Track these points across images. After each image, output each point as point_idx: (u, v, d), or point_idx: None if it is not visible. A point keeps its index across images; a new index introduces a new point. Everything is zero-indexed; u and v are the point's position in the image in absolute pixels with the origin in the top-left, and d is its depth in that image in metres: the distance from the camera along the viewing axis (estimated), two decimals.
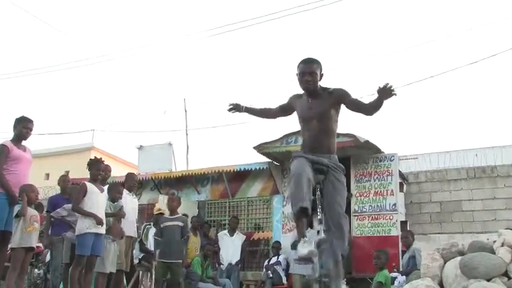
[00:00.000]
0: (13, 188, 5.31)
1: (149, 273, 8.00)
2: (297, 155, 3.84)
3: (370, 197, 9.14)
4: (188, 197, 10.88)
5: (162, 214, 8.61)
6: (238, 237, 9.54)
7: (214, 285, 8.37)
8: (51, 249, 7.06)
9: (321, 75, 3.93)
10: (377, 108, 3.67)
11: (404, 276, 6.80)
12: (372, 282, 7.14)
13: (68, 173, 11.28)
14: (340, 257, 3.66)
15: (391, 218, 8.90)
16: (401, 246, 8.31)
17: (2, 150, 5.38)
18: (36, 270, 8.85)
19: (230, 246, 9.38)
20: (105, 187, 6.13)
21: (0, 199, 5.26)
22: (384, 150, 9.31)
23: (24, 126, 5.60)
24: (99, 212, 5.64)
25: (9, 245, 5.32)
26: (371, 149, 9.16)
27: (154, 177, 11.21)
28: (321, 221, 3.63)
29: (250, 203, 10.52)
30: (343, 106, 3.91)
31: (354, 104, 3.84)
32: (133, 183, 7.35)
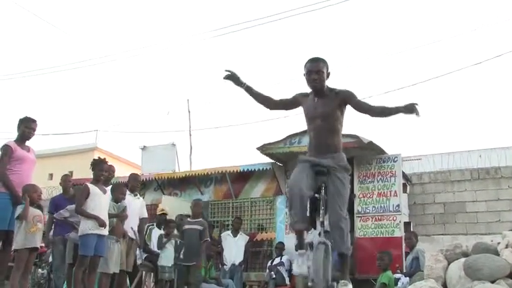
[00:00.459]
0: (16, 188, 5.32)
1: (152, 274, 8.00)
2: (301, 160, 3.93)
3: (373, 198, 9.11)
4: (192, 197, 10.85)
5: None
6: (242, 237, 9.52)
7: (217, 286, 8.36)
8: (52, 249, 7.08)
9: (328, 74, 3.96)
10: (387, 115, 3.76)
11: (407, 277, 6.79)
12: (375, 284, 7.12)
13: (71, 173, 11.32)
14: (346, 251, 3.77)
15: (394, 219, 8.87)
16: (404, 248, 8.29)
17: (6, 151, 5.41)
18: (40, 270, 8.88)
19: (233, 247, 9.36)
20: (108, 188, 6.14)
21: (4, 199, 5.28)
22: (387, 151, 9.29)
23: (28, 126, 5.60)
24: (102, 214, 5.63)
25: (13, 247, 5.32)
26: (375, 150, 9.14)
27: (157, 178, 11.20)
28: (323, 224, 3.66)
29: (254, 203, 10.51)
30: (349, 107, 3.94)
31: (360, 106, 3.89)
32: (136, 183, 7.35)
